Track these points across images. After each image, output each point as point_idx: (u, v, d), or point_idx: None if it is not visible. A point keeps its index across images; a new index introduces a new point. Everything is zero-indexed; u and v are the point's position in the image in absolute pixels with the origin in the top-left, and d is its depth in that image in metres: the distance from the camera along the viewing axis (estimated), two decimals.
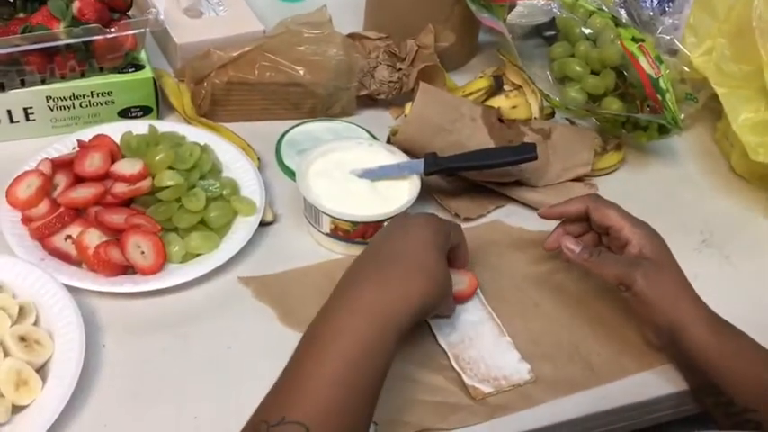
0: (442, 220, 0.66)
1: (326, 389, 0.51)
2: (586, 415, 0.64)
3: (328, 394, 0.51)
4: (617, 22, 0.85)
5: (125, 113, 0.82)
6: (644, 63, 0.81)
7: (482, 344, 0.67)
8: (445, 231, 0.64)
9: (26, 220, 0.68)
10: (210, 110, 0.84)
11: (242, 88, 0.84)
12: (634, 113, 0.86)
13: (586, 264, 0.66)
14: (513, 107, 0.84)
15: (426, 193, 0.79)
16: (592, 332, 0.70)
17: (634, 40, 0.83)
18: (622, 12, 0.90)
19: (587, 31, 0.86)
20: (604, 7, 0.87)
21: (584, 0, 0.88)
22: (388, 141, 0.82)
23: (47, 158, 0.73)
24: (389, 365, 0.55)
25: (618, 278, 0.64)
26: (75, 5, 0.75)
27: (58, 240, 0.67)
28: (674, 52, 0.93)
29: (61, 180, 0.71)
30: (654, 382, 0.67)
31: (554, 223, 0.73)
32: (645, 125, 0.87)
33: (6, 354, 0.58)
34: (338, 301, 0.58)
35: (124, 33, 0.77)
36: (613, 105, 0.86)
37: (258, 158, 0.81)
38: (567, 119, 0.91)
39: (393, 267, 0.59)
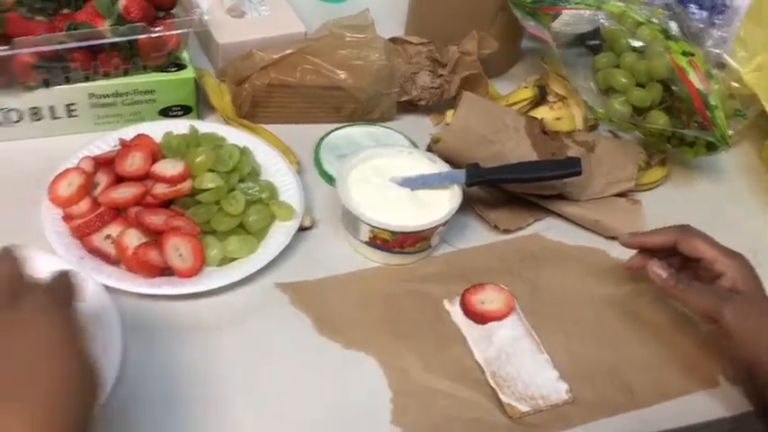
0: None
1: None
2: None
3: None
4: (667, 35, 0.83)
5: (165, 112, 0.82)
6: (694, 78, 0.79)
7: (519, 360, 0.65)
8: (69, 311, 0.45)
9: (67, 218, 0.68)
10: (251, 111, 0.84)
11: (283, 90, 0.83)
12: (681, 129, 0.84)
13: (673, 291, 0.65)
14: (557, 118, 0.83)
15: (465, 203, 0.77)
16: (633, 353, 0.68)
17: (684, 54, 0.81)
18: (672, 24, 0.87)
19: (636, 43, 0.84)
20: (654, 19, 0.85)
21: (633, 11, 0.86)
22: (429, 149, 0.81)
23: (88, 156, 0.73)
24: None
25: (706, 311, 0.63)
26: (121, 3, 0.75)
27: (98, 239, 0.67)
28: (722, 66, 0.91)
29: (102, 179, 0.71)
30: (696, 408, 0.65)
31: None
32: (692, 141, 0.85)
33: None
34: None
35: (169, 33, 0.76)
36: (660, 119, 0.84)
37: (297, 162, 0.81)
38: (610, 131, 0.89)
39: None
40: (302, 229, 0.74)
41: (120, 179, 0.71)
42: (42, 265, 0.62)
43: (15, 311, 0.42)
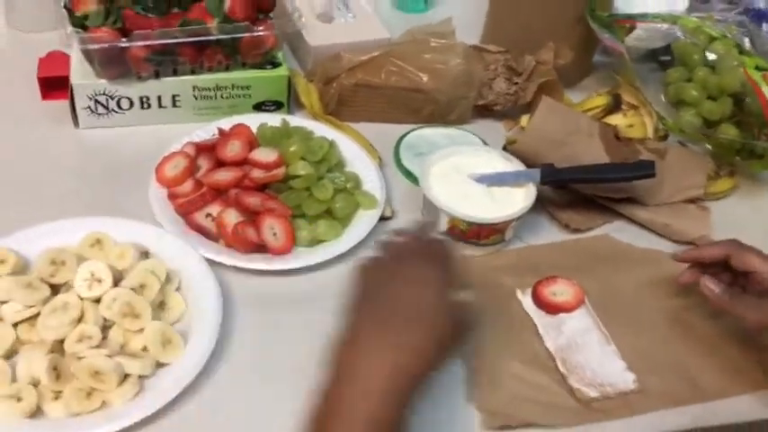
0: (436, 259, 0.60)
1: None
2: (689, 429, 0.66)
3: None
4: (741, 50, 0.86)
5: (259, 106, 0.88)
6: (767, 91, 0.82)
7: (588, 350, 0.69)
8: (441, 271, 0.59)
9: (172, 197, 0.75)
10: (336, 109, 0.90)
11: (368, 90, 0.89)
12: (752, 141, 0.86)
13: (726, 306, 0.67)
14: (630, 126, 0.86)
15: (537, 203, 0.81)
16: (698, 350, 0.71)
17: (758, 68, 0.84)
18: (745, 40, 0.90)
19: (711, 56, 0.87)
20: (728, 34, 0.88)
21: (708, 26, 0.89)
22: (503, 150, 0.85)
23: (191, 142, 0.79)
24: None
25: (760, 323, 0.65)
26: (227, 4, 0.82)
27: (200, 217, 0.73)
28: None
29: (203, 163, 0.77)
30: (758, 406, 0.67)
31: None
32: (761, 153, 0.87)
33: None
34: (343, 381, 0.53)
35: (271, 32, 0.83)
36: (730, 131, 0.87)
37: (379, 157, 0.86)
38: (679, 142, 0.92)
39: (386, 336, 0.54)
40: (382, 218, 0.79)
41: (220, 163, 0.77)
42: (153, 237, 0.69)
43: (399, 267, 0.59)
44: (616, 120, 0.87)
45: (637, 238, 0.82)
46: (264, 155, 0.77)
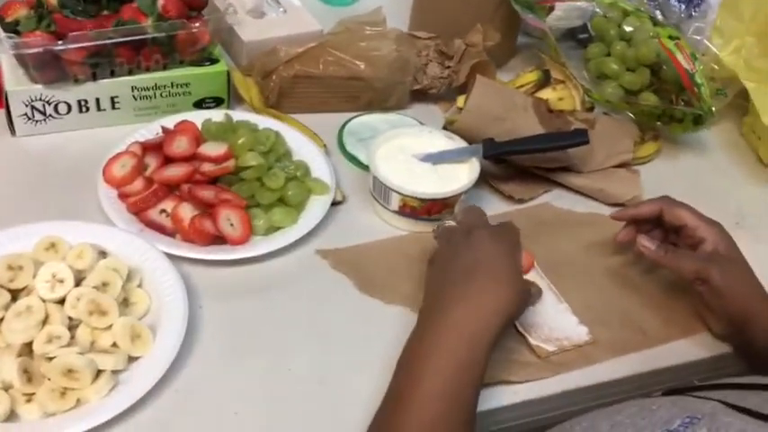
0: (505, 228, 0.69)
1: (429, 403, 0.56)
2: (640, 373, 0.70)
3: (431, 408, 0.56)
4: (654, 22, 0.92)
5: (199, 104, 0.88)
6: (681, 59, 0.88)
7: (543, 310, 0.72)
8: (512, 239, 0.68)
9: (122, 196, 0.74)
10: (277, 101, 0.91)
11: (307, 81, 0.90)
12: (670, 106, 0.92)
13: (663, 260, 0.71)
14: (560, 99, 0.91)
15: (480, 178, 0.84)
16: (639, 302, 0.76)
17: (671, 37, 0.90)
18: (657, 12, 0.96)
19: (628, 28, 0.92)
20: (641, 8, 0.94)
21: (623, 1, 0.95)
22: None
23: (136, 141, 0.79)
24: (483, 376, 0.59)
25: (696, 273, 0.69)
26: (160, 3, 0.82)
27: (154, 214, 0.73)
28: (701, 54, 1.00)
29: (151, 161, 0.77)
30: (695, 348, 0.73)
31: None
32: (680, 117, 0.93)
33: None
34: (428, 322, 0.62)
35: (205, 29, 0.83)
36: (650, 99, 0.93)
37: (324, 145, 0.88)
38: (604, 112, 0.98)
39: (471, 283, 0.62)
40: (334, 203, 0.81)
41: (168, 160, 0.77)
42: (108, 238, 0.69)
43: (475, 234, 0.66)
44: (547, 94, 0.91)
45: (575, 204, 0.86)
46: (213, 148, 0.77)
